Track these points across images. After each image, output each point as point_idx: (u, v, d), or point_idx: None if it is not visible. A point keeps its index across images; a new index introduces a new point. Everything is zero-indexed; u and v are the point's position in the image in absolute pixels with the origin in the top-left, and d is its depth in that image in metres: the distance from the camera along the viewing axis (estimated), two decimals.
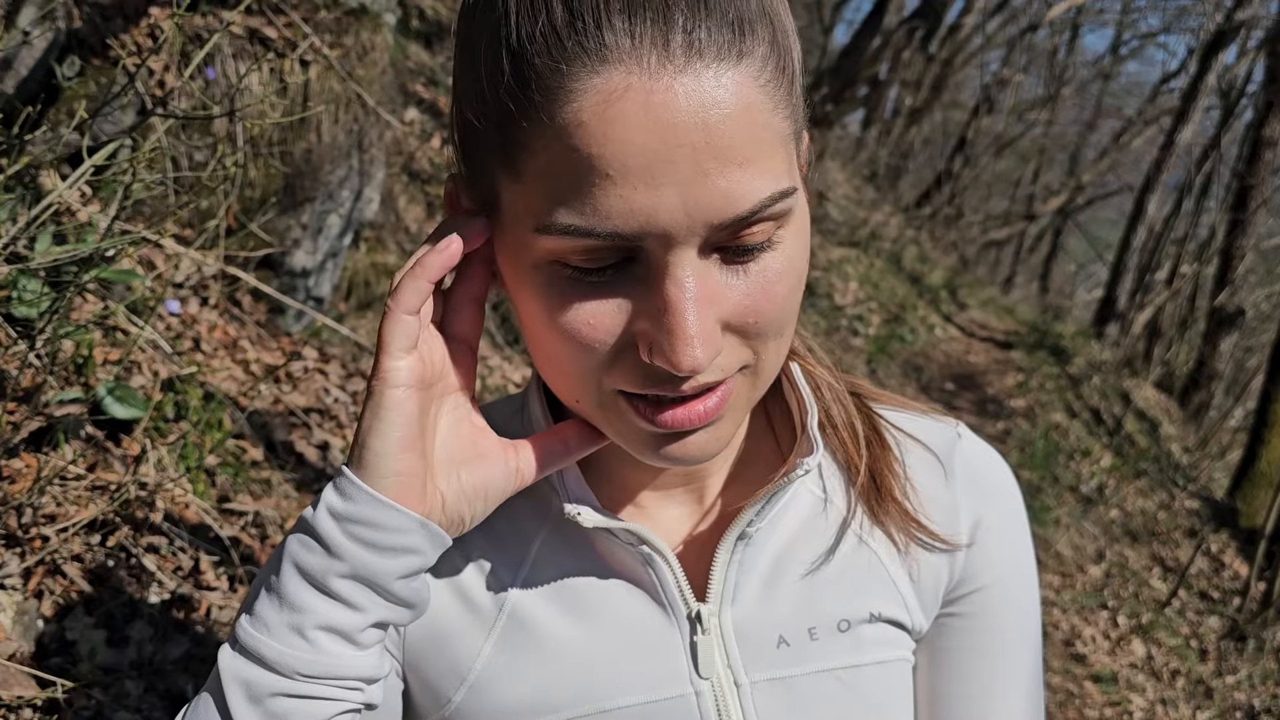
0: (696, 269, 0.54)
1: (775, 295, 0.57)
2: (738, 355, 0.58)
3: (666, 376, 0.57)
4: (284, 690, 0.59)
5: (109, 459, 1.71)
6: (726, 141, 0.51)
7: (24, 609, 1.40)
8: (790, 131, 0.55)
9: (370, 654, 0.62)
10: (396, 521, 0.59)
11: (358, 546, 0.59)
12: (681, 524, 0.74)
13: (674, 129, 0.50)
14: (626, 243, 0.53)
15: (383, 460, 0.59)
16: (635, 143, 0.50)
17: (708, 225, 0.52)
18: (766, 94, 0.53)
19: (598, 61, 0.50)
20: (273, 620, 0.60)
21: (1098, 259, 18.80)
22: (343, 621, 0.60)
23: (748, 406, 0.62)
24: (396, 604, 0.61)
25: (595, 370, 0.58)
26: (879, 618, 0.73)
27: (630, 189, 0.51)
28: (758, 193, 0.52)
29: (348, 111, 2.65)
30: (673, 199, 0.51)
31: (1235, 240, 9.59)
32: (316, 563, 0.59)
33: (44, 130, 1.97)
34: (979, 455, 0.79)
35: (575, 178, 0.52)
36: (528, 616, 0.70)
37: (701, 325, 0.54)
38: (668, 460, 0.61)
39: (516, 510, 0.73)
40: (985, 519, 0.76)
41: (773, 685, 0.70)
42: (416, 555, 0.61)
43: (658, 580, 0.69)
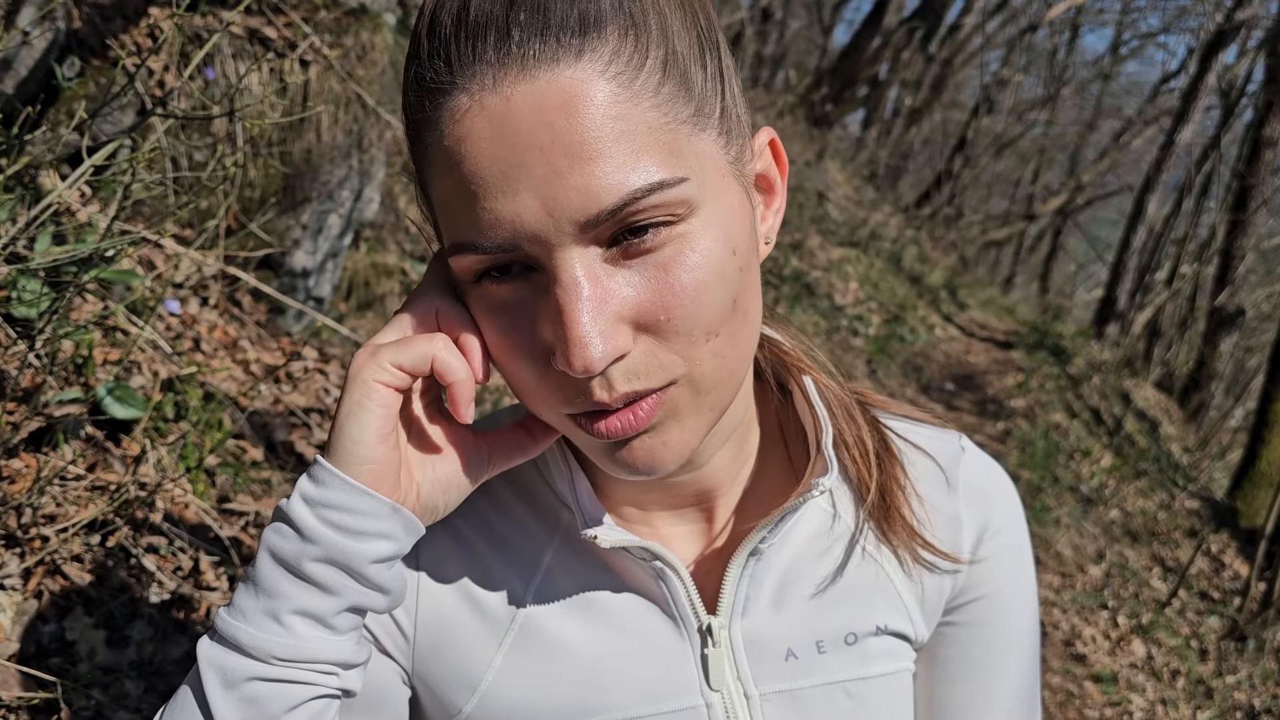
0: (586, 269, 0.54)
1: (681, 290, 0.55)
2: (661, 362, 0.57)
3: (585, 388, 0.57)
4: (258, 674, 0.60)
5: (109, 459, 1.71)
6: (575, 138, 0.51)
7: (24, 609, 1.40)
8: (668, 120, 0.54)
9: (345, 639, 0.62)
10: (369, 506, 0.60)
11: (331, 530, 0.59)
12: (693, 539, 0.74)
13: (518, 134, 0.52)
14: (509, 254, 0.55)
15: (360, 448, 0.60)
16: (486, 155, 0.53)
17: (574, 223, 0.53)
18: (621, 85, 0.53)
19: (448, 88, 0.54)
20: (249, 607, 0.60)
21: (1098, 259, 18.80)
22: (316, 605, 0.60)
23: (701, 415, 0.60)
24: (371, 588, 0.62)
25: (539, 390, 0.60)
26: (884, 630, 0.74)
27: (492, 200, 0.53)
28: (622, 186, 0.52)
29: (347, 111, 2.65)
30: (532, 202, 0.52)
31: (1235, 240, 9.59)
32: (290, 548, 0.60)
33: (44, 130, 1.96)
34: (982, 468, 0.80)
35: (454, 198, 0.55)
36: (540, 627, 0.71)
37: (593, 323, 0.53)
38: (622, 469, 0.61)
39: (526, 522, 0.73)
40: (988, 531, 0.77)
41: (781, 697, 0.71)
42: (389, 540, 0.61)
43: (669, 594, 0.70)
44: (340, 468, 0.60)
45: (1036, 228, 20.15)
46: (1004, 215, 19.06)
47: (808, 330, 6.56)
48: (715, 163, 0.58)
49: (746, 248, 0.59)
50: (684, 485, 0.71)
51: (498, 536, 0.73)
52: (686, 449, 0.60)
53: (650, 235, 0.55)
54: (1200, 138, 12.29)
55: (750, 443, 0.74)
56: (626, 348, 0.56)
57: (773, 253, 7.11)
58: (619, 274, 0.55)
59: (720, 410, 0.62)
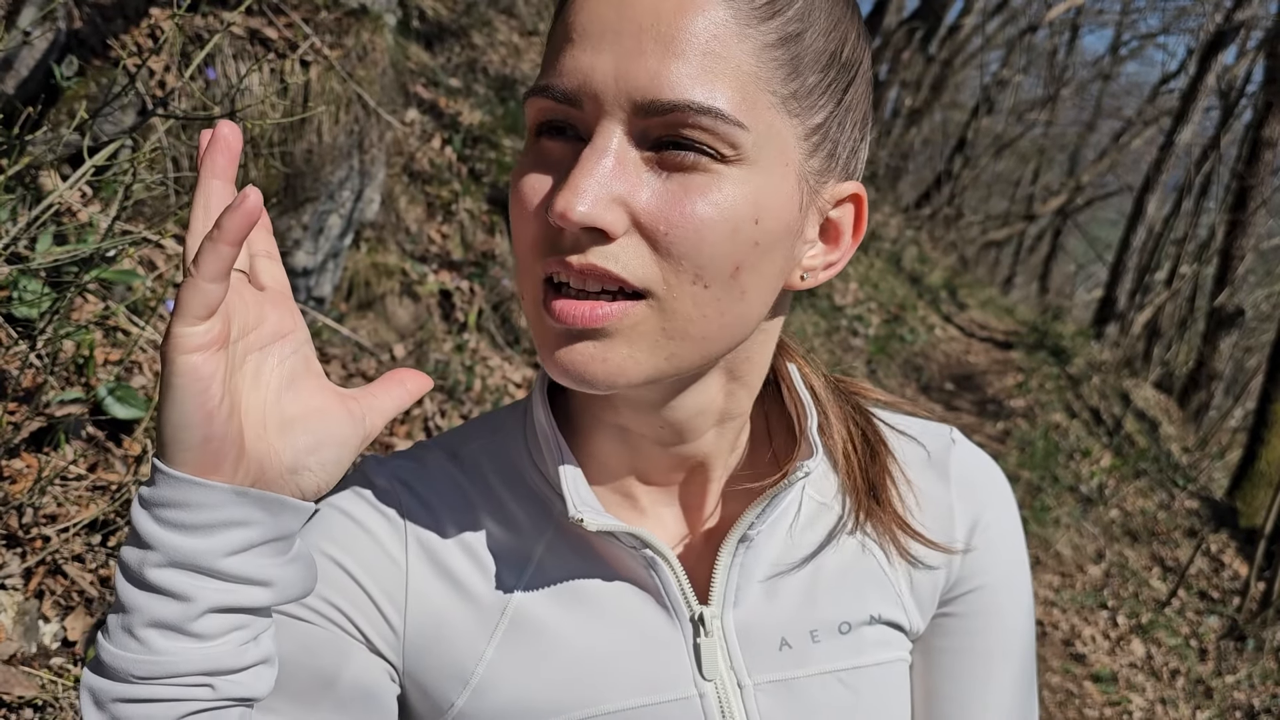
0: (620, 146, 0.58)
1: (690, 215, 0.57)
2: (641, 264, 0.58)
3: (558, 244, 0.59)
4: (121, 695, 0.56)
5: (110, 459, 1.72)
6: (671, 31, 0.56)
7: (25, 609, 1.40)
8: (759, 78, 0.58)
9: (217, 644, 0.56)
10: (204, 496, 0.54)
11: (168, 531, 0.55)
12: (682, 525, 0.75)
13: (631, 7, 0.57)
14: (570, 107, 0.58)
15: (182, 433, 0.54)
16: (598, 12, 0.57)
17: (630, 98, 0.56)
18: (736, 18, 0.57)
19: None
20: (112, 624, 0.57)
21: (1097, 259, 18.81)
22: (168, 614, 0.55)
23: (655, 351, 0.60)
24: (236, 583, 0.56)
25: (532, 246, 0.61)
26: (879, 620, 0.74)
27: (580, 49, 0.58)
28: (683, 90, 0.56)
29: (348, 112, 2.65)
30: (608, 63, 0.57)
31: (1235, 240, 9.60)
32: (134, 556, 0.55)
33: (44, 130, 1.97)
34: (973, 459, 0.80)
35: (555, 41, 0.60)
36: (531, 618, 0.70)
37: (594, 183, 0.56)
38: (557, 368, 0.61)
39: (518, 513, 0.73)
40: (981, 521, 0.77)
41: (775, 687, 0.71)
42: (243, 527, 0.55)
43: (660, 583, 0.70)
44: (168, 461, 0.54)
45: (1036, 228, 20.15)
46: (1004, 215, 19.07)
47: (807, 330, 6.56)
48: (784, 150, 0.60)
49: (771, 232, 0.60)
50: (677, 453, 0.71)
51: (489, 529, 0.72)
52: (623, 377, 0.60)
53: (691, 156, 0.57)
54: (1200, 138, 12.29)
55: (745, 434, 0.74)
56: (613, 227, 0.57)
57: None
58: (646, 173, 0.58)
59: (676, 367, 0.62)
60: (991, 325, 10.84)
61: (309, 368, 0.61)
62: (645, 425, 0.69)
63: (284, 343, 0.60)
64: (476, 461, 0.75)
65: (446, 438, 0.78)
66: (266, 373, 0.59)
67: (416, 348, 3.38)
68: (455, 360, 3.47)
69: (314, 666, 0.68)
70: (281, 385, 0.59)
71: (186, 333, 0.53)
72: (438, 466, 0.75)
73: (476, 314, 3.67)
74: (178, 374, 0.53)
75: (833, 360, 6.43)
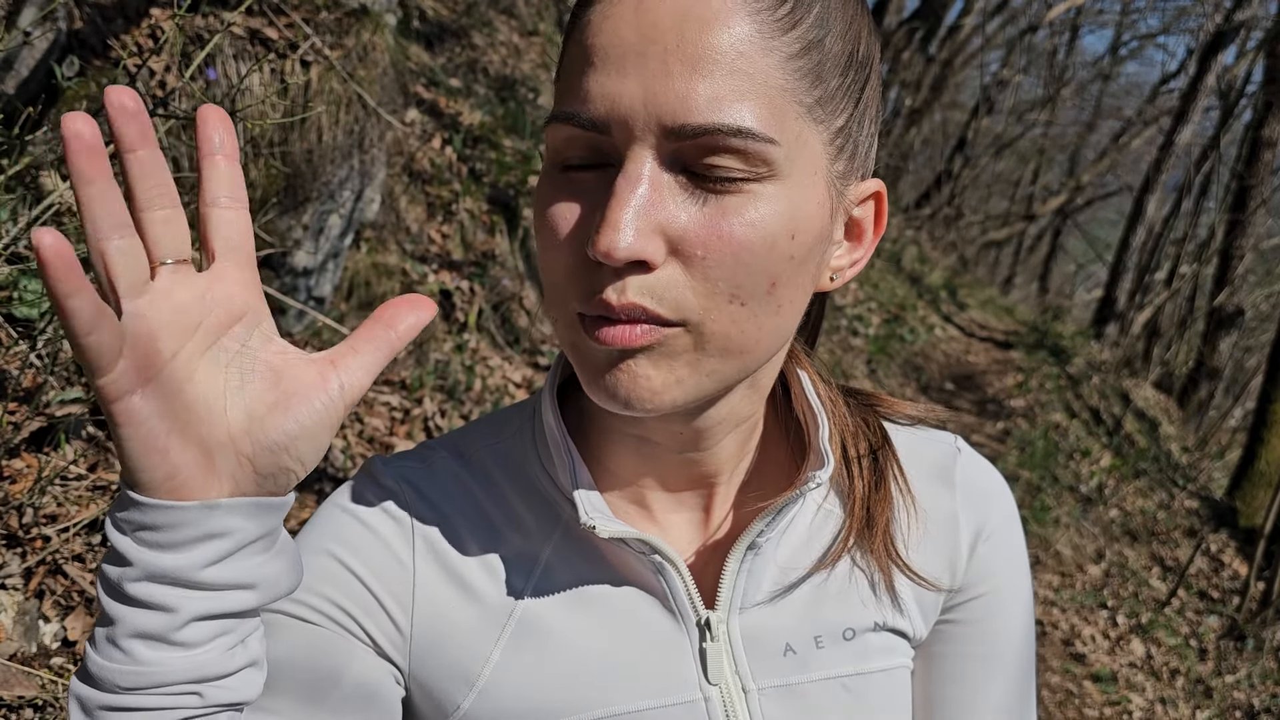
0: (653, 172, 0.56)
1: (728, 237, 0.57)
2: (678, 296, 0.57)
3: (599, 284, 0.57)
4: (108, 704, 0.55)
5: (110, 459, 1.72)
6: (697, 51, 0.55)
7: (25, 609, 1.40)
8: (785, 89, 0.57)
9: (203, 651, 0.56)
10: (172, 518, 0.53)
11: (144, 549, 0.54)
12: (690, 531, 0.75)
13: (653, 28, 0.55)
14: (597, 133, 0.57)
15: (140, 473, 0.52)
16: (618, 34, 0.56)
17: (660, 124, 0.55)
18: (760, 32, 0.56)
19: None
20: (98, 635, 0.56)
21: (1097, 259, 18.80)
22: (151, 625, 0.54)
23: (695, 372, 0.60)
24: (218, 590, 0.55)
25: (566, 279, 0.60)
26: (883, 626, 0.74)
27: (604, 74, 0.56)
28: (714, 111, 0.55)
29: (348, 112, 2.65)
30: (635, 88, 0.55)
31: (1234, 240, 9.60)
32: (114, 571, 0.54)
33: (44, 130, 1.97)
34: (977, 468, 0.81)
35: (574, 65, 0.58)
36: (538, 621, 0.70)
37: (634, 215, 0.55)
38: (602, 391, 0.60)
39: (526, 516, 0.73)
40: (985, 530, 0.78)
41: (780, 692, 0.71)
42: (220, 538, 0.54)
43: (668, 588, 0.70)
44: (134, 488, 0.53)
45: (1036, 228, 20.15)
46: (1004, 215, 19.06)
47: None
48: (813, 158, 0.60)
49: (806, 245, 0.60)
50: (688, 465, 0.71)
51: (497, 531, 0.72)
52: (668, 398, 0.60)
53: (725, 175, 0.57)
54: (1199, 138, 12.29)
55: (755, 437, 0.74)
56: (654, 259, 0.57)
57: None
58: (681, 196, 0.57)
59: (717, 383, 0.62)
60: (991, 325, 10.83)
61: (269, 344, 0.56)
62: (667, 435, 0.69)
63: (241, 325, 0.55)
64: (484, 463, 0.75)
65: (451, 438, 0.78)
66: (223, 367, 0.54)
67: (416, 347, 3.37)
68: (455, 360, 3.47)
69: (317, 668, 0.68)
70: (244, 376, 0.55)
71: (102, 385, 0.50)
72: (444, 467, 0.74)
73: (476, 314, 3.67)
74: (116, 422, 0.51)
75: (833, 360, 6.43)
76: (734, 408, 0.68)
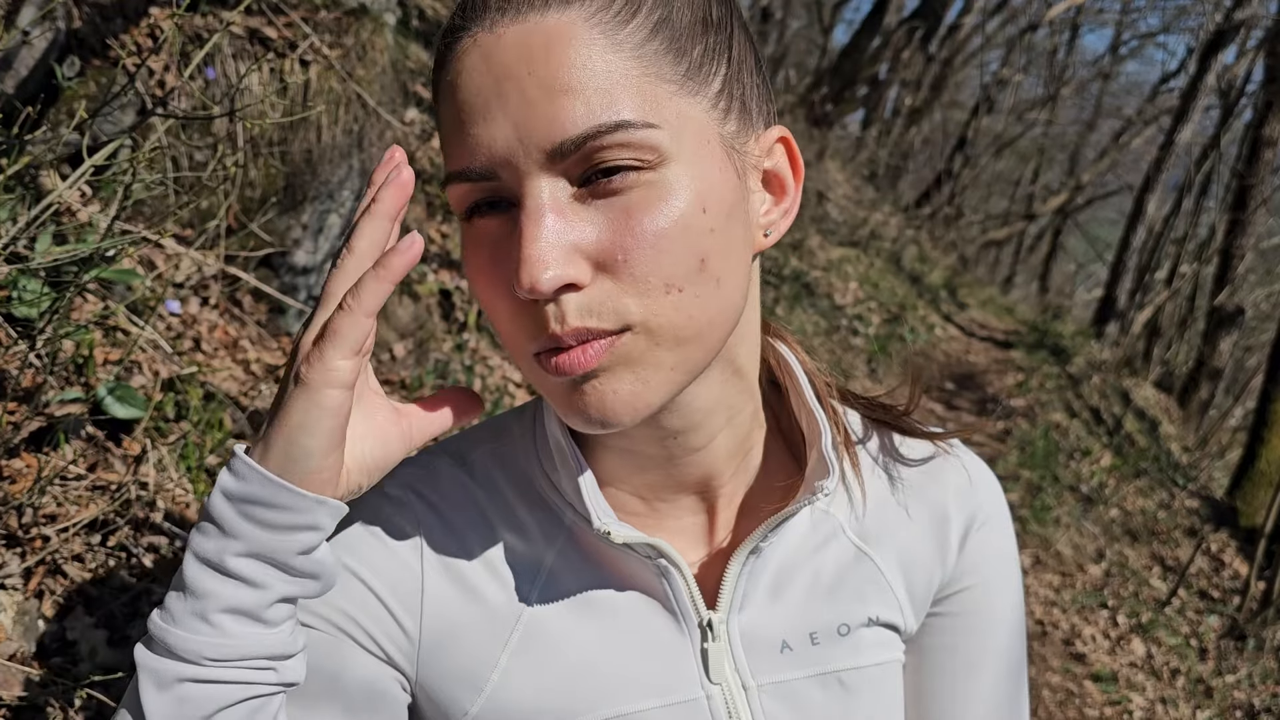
0: (552, 198, 0.57)
1: (641, 234, 0.57)
2: (616, 306, 0.58)
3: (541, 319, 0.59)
4: (190, 675, 0.59)
5: (109, 459, 1.72)
6: (550, 72, 0.56)
7: (24, 609, 1.40)
8: (648, 74, 0.58)
9: (279, 630, 0.61)
10: (294, 502, 0.59)
11: (252, 526, 0.58)
12: (694, 535, 0.76)
13: (502, 66, 0.57)
14: (489, 182, 0.59)
15: (311, 460, 0.58)
16: (475, 86, 0.58)
17: (541, 150, 0.56)
18: (603, 33, 0.57)
19: (459, 32, 0.60)
20: (178, 610, 0.60)
21: (1098, 259, 18.80)
22: (245, 601, 0.59)
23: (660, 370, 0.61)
24: (300, 576, 0.61)
25: (511, 329, 0.61)
26: (876, 621, 0.76)
27: (474, 126, 0.58)
28: (589, 119, 0.56)
29: (348, 111, 2.65)
30: (506, 128, 0.57)
31: (1235, 240, 9.59)
32: (213, 545, 0.59)
33: (44, 130, 1.97)
34: (967, 463, 0.82)
35: (449, 128, 0.60)
36: (544, 626, 0.71)
37: (548, 246, 0.56)
38: (576, 415, 0.61)
39: (530, 523, 0.73)
40: (974, 524, 0.79)
41: (777, 688, 0.72)
42: (315, 531, 0.60)
43: (671, 591, 0.71)
44: (271, 467, 0.58)
45: (1036, 227, 20.15)
46: (1004, 215, 19.06)
47: (808, 330, 6.56)
48: (700, 128, 0.60)
49: (722, 213, 0.61)
50: (687, 468, 0.72)
51: (502, 537, 0.73)
52: (640, 402, 0.60)
53: (618, 177, 0.57)
54: (1200, 137, 12.28)
55: (753, 438, 0.74)
56: (580, 279, 0.57)
57: (772, 252, 7.09)
58: (585, 211, 0.58)
59: (685, 372, 0.62)
60: (991, 325, 10.83)
61: (369, 384, 0.65)
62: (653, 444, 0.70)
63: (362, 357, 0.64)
64: (487, 470, 0.75)
65: (451, 443, 0.78)
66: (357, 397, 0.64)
67: (416, 347, 3.37)
68: (455, 360, 3.47)
69: (323, 672, 0.69)
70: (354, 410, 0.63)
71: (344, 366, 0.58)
72: (448, 473, 0.75)
73: (476, 314, 3.66)
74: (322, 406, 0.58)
75: (833, 360, 6.43)
76: (717, 398, 0.68)
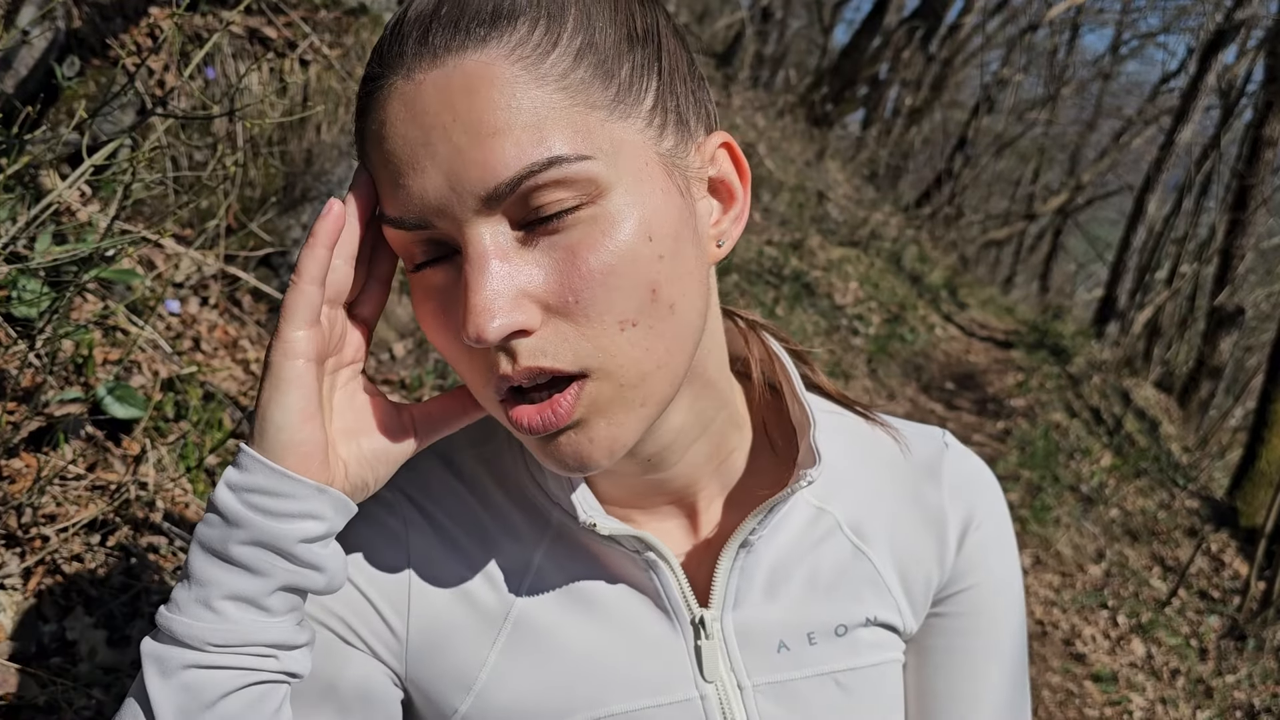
0: (494, 243, 0.56)
1: (589, 273, 0.56)
2: (572, 347, 0.57)
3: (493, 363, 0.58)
4: (194, 662, 0.60)
5: (109, 459, 1.71)
6: (475, 116, 0.54)
7: (24, 609, 1.40)
8: (576, 104, 0.56)
9: (282, 620, 0.62)
10: (292, 489, 0.60)
11: (255, 514, 0.60)
12: (680, 534, 0.75)
13: (425, 115, 0.55)
14: (424, 231, 0.58)
15: (283, 433, 0.60)
16: (400, 135, 0.57)
17: (476, 197, 0.55)
18: (524, 68, 0.55)
19: (378, 79, 0.59)
20: (183, 599, 0.61)
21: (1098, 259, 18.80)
22: (247, 588, 0.60)
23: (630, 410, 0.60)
24: (303, 566, 0.61)
25: (469, 375, 0.61)
26: (874, 621, 0.75)
27: (405, 177, 0.57)
28: (520, 159, 0.54)
29: (347, 111, 2.65)
30: (437, 178, 0.56)
31: (1235, 240, 9.59)
32: (217, 534, 0.60)
33: (44, 130, 1.97)
34: (965, 463, 0.81)
35: (379, 176, 0.59)
36: (533, 624, 0.71)
37: (493, 293, 0.55)
38: (554, 463, 0.61)
39: (516, 521, 0.73)
40: (972, 523, 0.79)
41: (774, 688, 0.71)
42: (317, 520, 0.61)
43: (661, 586, 0.70)
44: (265, 452, 0.60)
45: (1036, 227, 20.14)
46: (1004, 215, 19.05)
47: (808, 330, 6.55)
48: (637, 151, 0.58)
49: (669, 237, 0.59)
50: (663, 483, 0.71)
51: (489, 536, 0.73)
52: (617, 444, 0.60)
53: (558, 216, 0.56)
54: (1200, 137, 12.28)
55: (733, 439, 0.74)
56: (529, 324, 0.57)
57: (772, 252, 7.09)
58: (529, 253, 0.57)
59: (656, 405, 0.61)
60: (992, 325, 10.83)
61: (365, 389, 0.67)
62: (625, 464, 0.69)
63: (354, 365, 0.67)
64: (472, 470, 0.75)
65: (437, 446, 0.78)
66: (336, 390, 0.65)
67: (416, 347, 3.37)
68: None
69: (315, 671, 0.69)
70: (348, 402, 0.65)
71: (294, 337, 0.60)
72: (434, 474, 0.75)
73: None
74: (285, 379, 0.60)
75: (833, 360, 6.43)
76: (687, 416, 0.68)
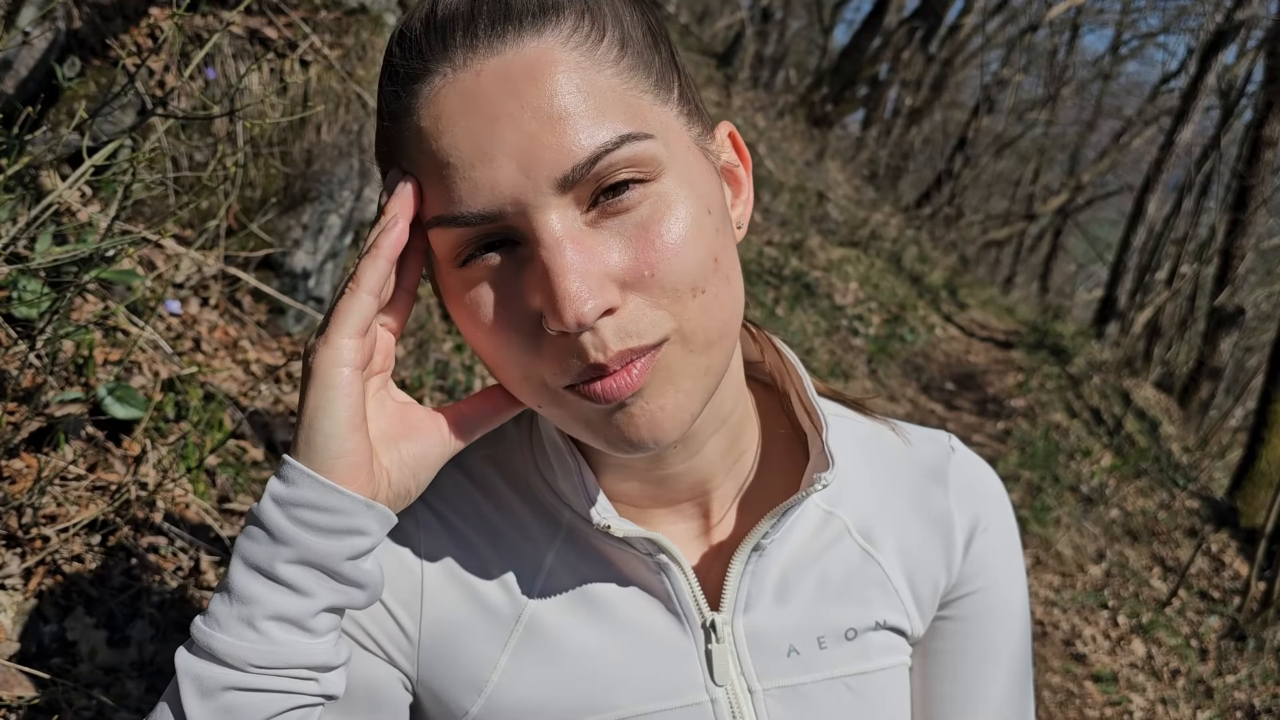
0: (568, 228, 0.56)
1: (664, 246, 0.57)
2: (652, 319, 0.58)
3: (580, 351, 0.58)
4: (235, 684, 0.59)
5: (109, 459, 1.71)
6: (543, 101, 0.55)
7: (24, 609, 1.40)
8: (630, 87, 0.58)
9: (324, 641, 0.61)
10: (342, 504, 0.59)
11: (303, 530, 0.59)
12: (692, 537, 0.75)
13: (489, 105, 0.55)
14: (491, 224, 0.57)
15: (332, 442, 0.59)
16: (461, 128, 0.56)
17: (551, 182, 0.55)
18: (582, 54, 0.56)
19: (421, 74, 0.58)
20: (224, 615, 0.59)
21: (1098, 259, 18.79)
22: (292, 609, 0.59)
23: (696, 378, 0.61)
24: (347, 585, 0.61)
25: (529, 365, 0.60)
26: (883, 625, 0.75)
27: (470, 169, 0.56)
28: (593, 140, 0.55)
29: (348, 111, 2.65)
30: (509, 166, 0.55)
31: (1235, 240, 9.59)
32: (263, 551, 0.59)
33: (44, 130, 1.97)
34: (971, 467, 0.82)
35: (432, 175, 0.58)
36: (544, 626, 0.71)
37: (581, 277, 0.55)
38: (623, 442, 0.61)
39: (528, 523, 0.73)
40: (979, 527, 0.79)
41: (784, 692, 0.72)
42: (364, 536, 0.60)
43: (672, 589, 0.70)
44: (313, 466, 0.59)
45: (1036, 228, 20.14)
46: (1004, 215, 19.05)
47: (808, 330, 6.55)
48: (680, 134, 0.61)
49: (720, 210, 0.62)
50: (679, 477, 0.71)
51: (500, 538, 0.73)
52: (686, 414, 0.61)
53: (627, 194, 0.57)
54: (1200, 138, 12.27)
55: (745, 439, 0.74)
56: (616, 302, 0.57)
57: (772, 253, 7.08)
58: (601, 234, 0.57)
59: (714, 375, 0.62)
60: (992, 325, 10.82)
61: (395, 396, 0.66)
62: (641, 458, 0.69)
63: (383, 374, 0.66)
64: (484, 472, 0.75)
65: None
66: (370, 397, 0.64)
67: (417, 347, 3.37)
68: (455, 360, 3.47)
69: None
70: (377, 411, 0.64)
71: (349, 345, 0.59)
72: (446, 476, 0.75)
73: None
74: (334, 386, 0.59)
75: (833, 360, 6.43)
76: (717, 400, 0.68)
